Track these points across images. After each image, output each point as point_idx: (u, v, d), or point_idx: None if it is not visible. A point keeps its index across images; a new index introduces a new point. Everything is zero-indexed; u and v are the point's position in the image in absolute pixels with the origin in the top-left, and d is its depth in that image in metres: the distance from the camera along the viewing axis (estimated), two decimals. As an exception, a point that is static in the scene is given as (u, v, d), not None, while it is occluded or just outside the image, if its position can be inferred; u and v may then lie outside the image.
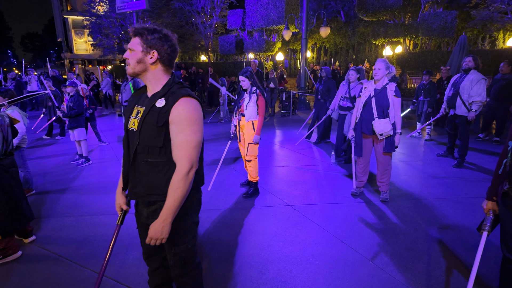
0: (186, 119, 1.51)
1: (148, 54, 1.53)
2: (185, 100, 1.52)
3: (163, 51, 1.54)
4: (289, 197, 4.02)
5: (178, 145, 1.52)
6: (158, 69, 1.57)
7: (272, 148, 6.51)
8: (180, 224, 1.65)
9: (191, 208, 1.69)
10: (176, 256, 1.72)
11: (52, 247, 3.00)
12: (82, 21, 23.35)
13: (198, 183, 1.70)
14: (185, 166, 1.51)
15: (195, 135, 1.53)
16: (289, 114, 10.57)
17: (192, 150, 1.53)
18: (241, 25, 17.29)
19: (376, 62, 3.65)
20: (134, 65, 1.55)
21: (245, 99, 3.96)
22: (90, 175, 5.04)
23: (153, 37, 1.52)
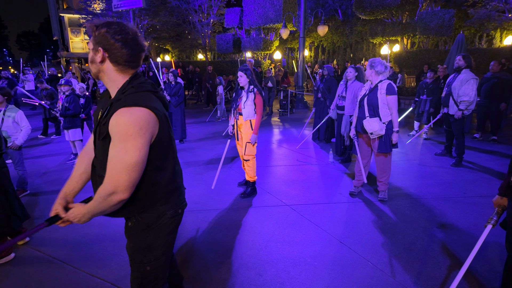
0: (118, 133, 1.25)
1: (97, 52, 1.32)
2: (124, 111, 1.25)
3: (112, 47, 1.30)
4: (287, 196, 3.98)
5: (108, 162, 1.28)
6: (110, 70, 1.35)
7: (270, 147, 6.47)
8: (138, 239, 1.48)
9: (154, 223, 1.46)
10: (132, 273, 1.55)
11: (46, 249, 2.94)
12: (78, 20, 23.15)
13: (169, 197, 1.49)
14: (105, 188, 1.27)
15: (126, 154, 1.24)
16: (287, 113, 10.54)
17: (121, 171, 1.25)
18: (238, 23, 17.20)
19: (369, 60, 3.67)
20: (90, 65, 1.38)
21: (242, 98, 3.92)
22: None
23: (99, 32, 1.31)
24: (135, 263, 1.51)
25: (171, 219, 1.52)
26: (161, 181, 1.44)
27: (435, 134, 7.42)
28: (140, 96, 1.31)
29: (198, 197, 3.98)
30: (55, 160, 5.75)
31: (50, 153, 6.22)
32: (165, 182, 1.46)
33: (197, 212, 3.60)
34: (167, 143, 1.44)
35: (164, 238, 1.51)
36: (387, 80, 3.61)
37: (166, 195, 1.48)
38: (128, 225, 1.49)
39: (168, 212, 1.49)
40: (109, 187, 1.26)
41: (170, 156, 1.48)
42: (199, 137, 7.47)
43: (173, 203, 1.51)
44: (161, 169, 1.43)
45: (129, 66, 1.37)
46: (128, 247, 1.53)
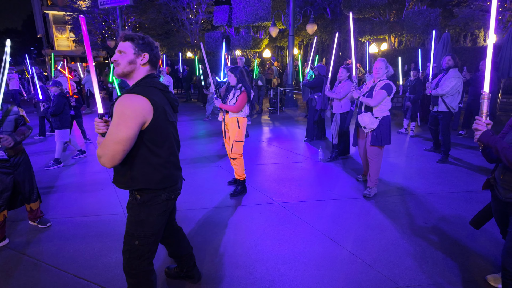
0: (116, 112, 1.54)
1: (139, 56, 1.68)
2: (126, 96, 1.56)
3: (152, 53, 1.71)
4: (277, 194, 3.99)
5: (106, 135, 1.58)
6: (144, 70, 1.71)
7: (260, 146, 6.47)
8: (133, 213, 1.75)
9: (149, 201, 1.73)
10: (123, 247, 1.79)
11: (31, 251, 2.86)
12: (63, 17, 22.64)
13: (164, 183, 1.74)
14: (98, 151, 1.55)
15: (117, 129, 1.51)
16: (277, 111, 10.55)
17: (109, 142, 1.52)
18: (227, 21, 17.13)
19: (377, 61, 3.80)
20: (125, 66, 1.66)
21: (229, 95, 3.91)
22: (72, 175, 4.88)
23: (143, 41, 1.69)
24: (128, 235, 1.76)
25: (164, 201, 1.78)
26: (155, 165, 1.68)
27: (423, 131, 7.54)
28: (145, 89, 1.62)
29: (187, 196, 3.95)
30: (41, 160, 5.60)
31: (36, 152, 6.07)
32: (159, 167, 1.69)
33: (187, 211, 3.57)
34: (163, 133, 1.68)
35: (155, 217, 1.76)
36: (386, 80, 3.73)
37: (162, 180, 1.72)
38: (129, 200, 1.78)
39: (162, 195, 1.75)
40: (99, 152, 1.54)
41: (165, 145, 1.72)
42: (188, 135, 7.42)
43: (168, 189, 1.78)
44: (155, 154, 1.67)
45: (155, 68, 1.76)
46: (127, 220, 1.79)
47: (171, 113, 1.77)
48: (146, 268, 1.82)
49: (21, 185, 3.06)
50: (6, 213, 2.98)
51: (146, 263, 1.81)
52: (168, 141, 1.73)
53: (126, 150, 1.53)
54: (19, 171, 3.02)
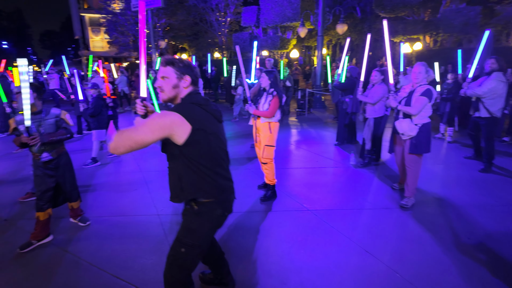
0: (150, 117, 1.66)
1: (181, 79, 1.75)
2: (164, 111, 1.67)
3: (192, 74, 1.77)
4: (308, 201, 3.92)
5: None
6: (187, 91, 1.78)
7: (288, 149, 6.40)
8: (186, 218, 1.83)
9: (205, 213, 1.80)
10: (171, 249, 1.85)
11: (72, 248, 3.00)
12: (98, 19, 23.66)
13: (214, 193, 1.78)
14: (116, 135, 1.61)
15: (140, 129, 1.59)
16: (304, 113, 10.42)
17: (126, 135, 1.59)
18: (255, 22, 17.14)
19: (415, 65, 3.63)
20: (170, 91, 1.74)
21: (261, 100, 3.89)
22: (107, 174, 5.06)
23: (183, 64, 1.75)
24: (177, 240, 1.82)
25: (218, 216, 1.84)
26: (202, 176, 1.73)
27: (461, 136, 7.15)
28: (183, 106, 1.71)
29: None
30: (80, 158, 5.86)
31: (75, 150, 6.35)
32: (206, 177, 1.74)
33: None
34: (204, 146, 1.72)
35: (206, 229, 1.82)
36: (426, 85, 3.57)
37: (210, 191, 1.76)
38: (185, 208, 1.85)
39: (218, 210, 1.81)
40: (116, 136, 1.60)
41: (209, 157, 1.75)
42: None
43: (222, 205, 1.84)
44: (200, 166, 1.72)
45: (197, 86, 1.82)
46: (180, 226, 1.86)
47: (214, 124, 1.79)
48: (184, 279, 1.85)
49: (63, 185, 3.20)
50: (50, 211, 3.13)
51: (184, 274, 1.84)
52: (211, 153, 1.75)
53: (133, 148, 1.61)
54: (61, 172, 3.16)
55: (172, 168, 1.78)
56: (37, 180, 3.06)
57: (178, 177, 1.74)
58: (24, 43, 58.17)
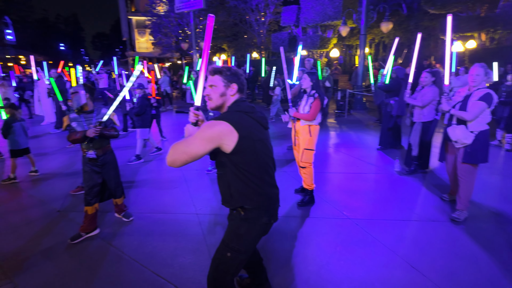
0: (200, 129, 1.67)
1: (228, 87, 1.77)
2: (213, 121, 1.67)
3: (239, 83, 1.79)
4: (348, 208, 3.76)
5: None
6: (233, 99, 1.80)
7: (327, 152, 6.22)
8: (233, 223, 1.83)
9: (252, 219, 1.80)
10: (216, 252, 1.87)
11: (116, 243, 3.14)
12: (144, 21, 24.89)
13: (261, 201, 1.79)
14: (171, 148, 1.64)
15: (192, 143, 1.62)
16: (344, 114, 10.10)
17: (180, 149, 1.62)
18: (295, 21, 16.95)
19: (473, 67, 3.32)
20: (217, 99, 1.78)
21: (302, 102, 3.80)
22: (150, 171, 5.27)
23: (230, 72, 1.78)
24: (223, 244, 1.84)
25: (263, 224, 1.84)
26: (250, 184, 1.73)
27: (521, 144, 6.46)
28: (230, 114, 1.71)
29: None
30: (124, 155, 6.17)
31: (118, 147, 6.71)
32: (253, 185, 1.74)
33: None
34: (251, 153, 1.72)
35: (253, 236, 1.83)
36: (486, 88, 3.25)
37: (258, 199, 1.77)
38: (232, 212, 1.85)
39: (264, 217, 1.82)
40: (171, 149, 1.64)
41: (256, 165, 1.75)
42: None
43: (268, 213, 1.84)
44: (248, 173, 1.73)
45: (243, 93, 1.83)
46: (226, 230, 1.88)
47: (260, 131, 1.79)
48: (227, 284, 1.85)
49: (108, 182, 3.37)
50: (97, 206, 3.31)
51: (229, 279, 1.85)
52: (258, 160, 1.76)
53: (188, 161, 1.63)
54: (107, 169, 3.32)
55: (221, 175, 1.79)
56: (85, 176, 3.25)
57: (227, 185, 1.77)
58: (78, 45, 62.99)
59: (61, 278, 2.64)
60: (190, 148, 1.62)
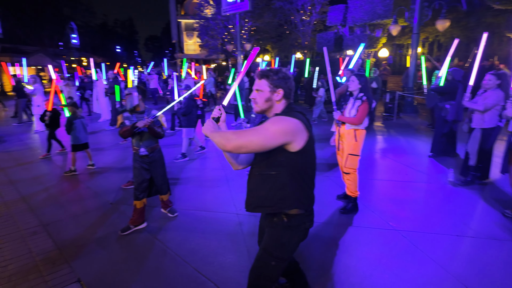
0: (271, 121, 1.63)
1: (274, 92, 1.73)
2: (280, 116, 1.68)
3: (286, 88, 1.73)
4: (395, 219, 3.55)
5: None
6: (280, 104, 1.76)
7: (373, 157, 5.95)
8: (275, 232, 1.78)
9: (295, 227, 1.76)
10: (256, 262, 1.83)
11: (161, 237, 3.30)
12: (192, 24, 25.91)
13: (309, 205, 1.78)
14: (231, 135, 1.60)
15: (257, 132, 1.57)
16: (392, 117, 9.58)
17: (249, 135, 1.57)
18: (342, 21, 16.47)
19: None
20: (262, 104, 1.75)
21: (348, 105, 3.67)
22: (194, 169, 5.46)
23: (277, 77, 1.72)
24: (266, 252, 1.78)
25: (305, 230, 1.82)
26: (304, 186, 1.73)
27: None
28: (295, 114, 1.70)
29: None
30: (171, 152, 6.47)
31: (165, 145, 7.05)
32: (306, 188, 1.75)
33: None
34: (312, 154, 1.74)
35: (294, 243, 1.80)
36: None
37: (309, 202, 1.77)
38: (273, 219, 1.78)
39: (307, 223, 1.80)
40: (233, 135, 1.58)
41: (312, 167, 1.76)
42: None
43: (310, 217, 1.83)
44: (305, 175, 1.72)
45: (289, 99, 1.78)
46: (266, 237, 1.82)
47: None
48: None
49: (155, 179, 3.55)
50: (145, 201, 3.51)
51: (271, 286, 1.84)
52: (313, 163, 1.78)
53: (254, 151, 1.60)
54: (154, 167, 3.51)
55: (272, 176, 1.68)
56: (135, 172, 3.46)
57: (281, 186, 1.67)
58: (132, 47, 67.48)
59: (112, 266, 2.83)
60: (261, 138, 1.55)
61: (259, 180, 1.74)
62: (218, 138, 1.61)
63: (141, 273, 2.73)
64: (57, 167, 5.70)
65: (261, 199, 1.73)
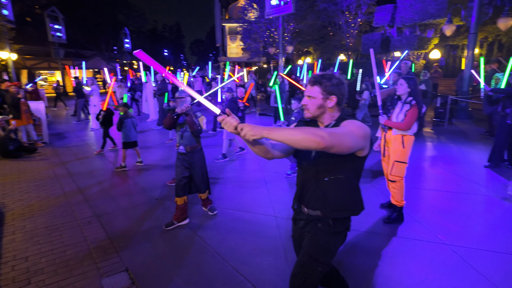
0: (351, 124, 1.60)
1: (327, 99, 1.69)
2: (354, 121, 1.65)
3: (340, 94, 1.69)
4: (444, 232, 3.32)
5: (336, 128, 1.57)
6: (333, 110, 1.72)
7: (422, 165, 5.60)
8: (320, 238, 1.76)
9: (340, 232, 1.77)
10: (300, 267, 1.78)
11: (202, 234, 3.41)
12: (236, 28, 26.48)
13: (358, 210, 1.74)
14: (325, 133, 1.43)
15: (347, 136, 1.49)
16: (443, 123, 8.95)
17: (336, 136, 1.45)
18: (389, 21, 15.77)
19: None
20: (314, 110, 1.71)
21: (396, 109, 3.50)
22: (233, 170, 5.58)
23: (331, 83, 1.67)
24: (311, 259, 1.75)
25: (346, 234, 1.83)
26: (358, 191, 1.74)
27: None
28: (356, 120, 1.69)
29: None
30: (212, 153, 6.68)
31: (208, 145, 7.29)
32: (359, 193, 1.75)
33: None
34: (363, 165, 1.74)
35: (337, 247, 1.81)
36: None
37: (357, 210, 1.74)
38: (317, 225, 1.77)
39: (349, 227, 1.81)
40: (321, 132, 1.42)
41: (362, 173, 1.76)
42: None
43: (350, 222, 1.82)
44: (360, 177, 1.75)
45: (342, 105, 1.75)
46: (310, 243, 1.78)
47: None
48: None
49: (194, 177, 3.69)
50: (186, 198, 3.65)
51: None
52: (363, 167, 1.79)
53: (341, 152, 1.49)
54: (194, 165, 3.64)
55: (338, 180, 1.68)
56: (177, 169, 3.64)
57: (353, 189, 1.72)
58: (179, 50, 70.68)
59: (156, 259, 2.99)
60: (353, 141, 1.51)
61: (330, 184, 1.69)
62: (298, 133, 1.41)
63: (182, 267, 2.85)
64: (109, 163, 6.16)
65: (338, 203, 1.71)
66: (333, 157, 1.59)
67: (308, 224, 1.83)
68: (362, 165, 1.73)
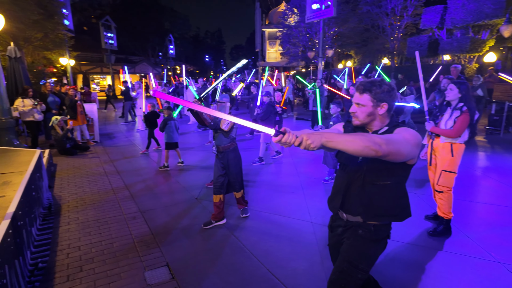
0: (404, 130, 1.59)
1: (378, 107, 1.66)
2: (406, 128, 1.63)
3: (391, 101, 1.66)
4: (497, 249, 3.05)
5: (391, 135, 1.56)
6: (383, 117, 1.69)
7: (473, 176, 5.21)
8: (364, 246, 1.73)
9: (381, 240, 1.75)
10: (340, 274, 1.74)
11: (238, 234, 3.47)
12: (275, 33, 26.65)
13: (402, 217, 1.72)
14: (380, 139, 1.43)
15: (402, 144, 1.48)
16: (499, 132, 8.24)
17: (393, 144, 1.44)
18: (438, 23, 14.90)
19: None
20: (364, 118, 1.68)
21: (445, 115, 3.31)
22: (269, 173, 5.61)
23: (381, 90, 1.64)
24: (351, 265, 1.72)
25: (386, 242, 1.79)
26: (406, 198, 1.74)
27: None
28: None
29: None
30: (249, 155, 6.77)
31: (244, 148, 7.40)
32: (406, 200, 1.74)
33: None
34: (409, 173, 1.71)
35: (377, 255, 1.77)
36: None
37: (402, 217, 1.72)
38: (357, 231, 1.75)
39: (389, 234, 1.78)
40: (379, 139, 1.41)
41: None
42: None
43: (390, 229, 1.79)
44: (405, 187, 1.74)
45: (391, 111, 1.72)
46: (350, 249, 1.76)
47: None
48: None
49: (229, 176, 3.78)
50: (222, 197, 3.74)
51: None
52: None
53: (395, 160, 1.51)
54: (228, 165, 3.74)
55: (386, 186, 1.66)
56: (214, 168, 3.80)
57: (401, 196, 1.72)
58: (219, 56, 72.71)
59: (194, 255, 3.10)
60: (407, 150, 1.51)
61: (376, 190, 1.67)
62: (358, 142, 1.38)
63: (218, 266, 2.92)
64: (153, 162, 6.50)
65: (383, 208, 1.69)
66: (382, 163, 1.54)
67: (347, 231, 1.80)
68: (409, 173, 1.70)
